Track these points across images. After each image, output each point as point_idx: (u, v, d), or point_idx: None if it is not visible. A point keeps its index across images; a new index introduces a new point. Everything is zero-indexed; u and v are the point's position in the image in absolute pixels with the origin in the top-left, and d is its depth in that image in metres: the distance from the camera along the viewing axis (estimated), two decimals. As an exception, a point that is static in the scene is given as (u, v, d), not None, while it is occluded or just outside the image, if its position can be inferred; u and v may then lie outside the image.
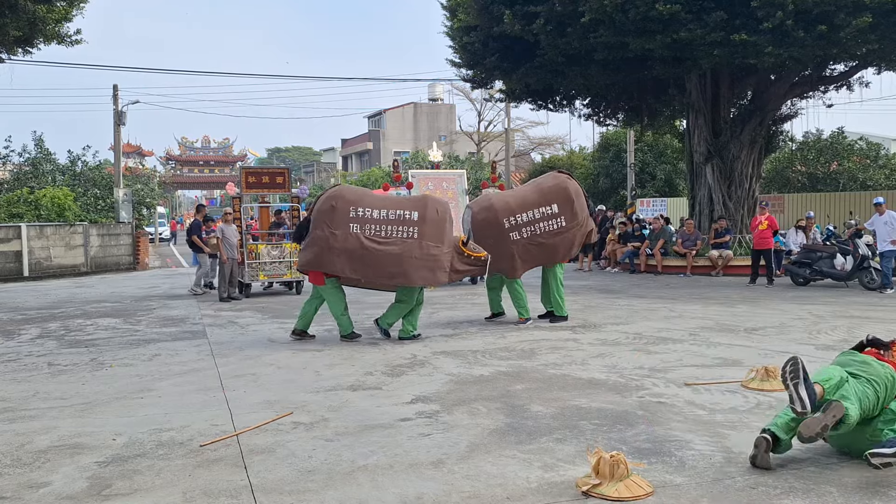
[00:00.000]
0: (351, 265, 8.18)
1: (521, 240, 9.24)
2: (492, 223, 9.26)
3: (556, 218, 9.32)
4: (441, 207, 8.50)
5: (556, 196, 9.39)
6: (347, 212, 8.22)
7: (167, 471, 4.15)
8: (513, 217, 9.26)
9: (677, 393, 5.67)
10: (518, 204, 9.39)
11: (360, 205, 8.30)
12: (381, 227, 8.22)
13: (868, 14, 12.22)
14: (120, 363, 7.44)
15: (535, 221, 9.28)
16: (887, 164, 25.48)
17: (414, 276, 8.21)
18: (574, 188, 9.54)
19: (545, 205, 9.34)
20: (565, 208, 9.34)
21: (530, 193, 9.61)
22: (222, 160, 67.03)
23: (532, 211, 9.30)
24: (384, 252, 8.14)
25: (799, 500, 3.53)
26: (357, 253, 8.11)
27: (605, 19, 13.68)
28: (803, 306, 10.70)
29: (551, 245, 9.35)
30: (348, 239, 8.12)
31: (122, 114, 25.30)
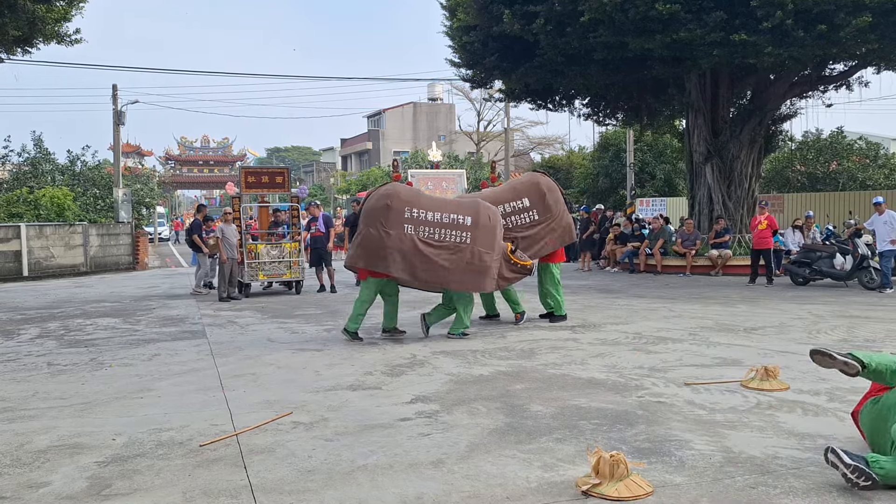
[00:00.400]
0: (403, 266, 8.12)
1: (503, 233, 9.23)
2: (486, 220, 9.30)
3: (528, 211, 9.31)
4: (493, 214, 8.54)
5: (527, 191, 9.41)
6: (403, 212, 8.17)
7: (167, 471, 4.15)
8: None
9: (677, 392, 5.67)
10: (490, 200, 9.31)
11: (415, 205, 8.26)
12: (436, 230, 8.20)
13: (868, 14, 12.23)
14: (119, 363, 7.44)
15: (506, 215, 9.23)
16: (887, 164, 25.50)
17: (465, 282, 8.28)
18: (546, 183, 9.51)
19: (515, 199, 9.35)
20: (537, 202, 9.31)
21: (503, 191, 9.67)
22: (222, 160, 66.98)
23: (503, 205, 9.26)
24: (438, 255, 8.15)
25: (799, 500, 3.53)
26: (410, 254, 8.08)
27: (604, 19, 13.68)
28: (803, 306, 10.70)
29: (526, 238, 9.29)
30: (403, 240, 8.08)
31: (121, 113, 25.30)
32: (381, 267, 8.17)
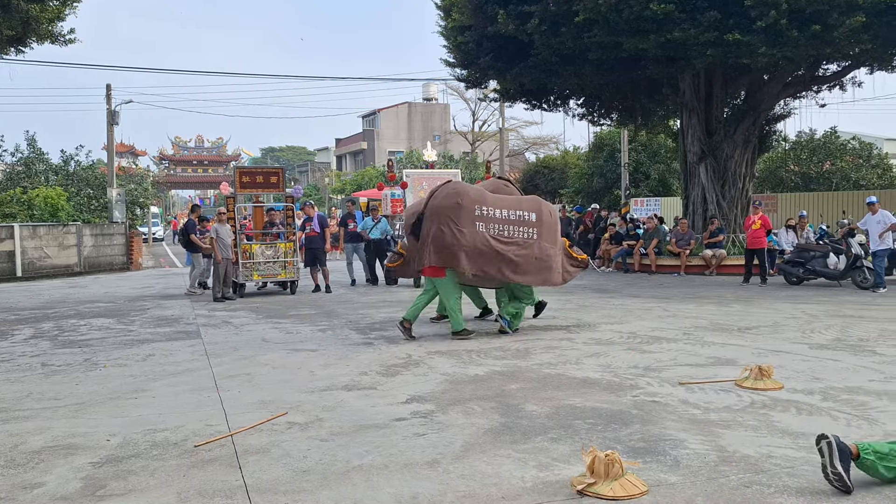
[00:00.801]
0: (476, 263, 8.23)
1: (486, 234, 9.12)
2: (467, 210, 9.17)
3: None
4: (552, 210, 8.84)
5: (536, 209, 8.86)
6: (473, 210, 8.28)
7: (161, 471, 4.14)
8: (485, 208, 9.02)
9: (671, 392, 5.68)
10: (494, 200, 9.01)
11: (483, 203, 8.38)
12: (505, 227, 8.37)
13: (861, 14, 12.28)
14: (114, 363, 7.41)
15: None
16: (880, 164, 25.58)
17: (534, 276, 8.47)
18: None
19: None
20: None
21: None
22: (216, 160, 66.88)
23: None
24: (508, 251, 8.30)
25: (793, 498, 3.54)
26: (483, 251, 8.19)
27: (599, 19, 13.71)
28: (797, 305, 10.74)
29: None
30: (476, 237, 8.19)
31: (115, 113, 25.22)
32: (455, 265, 8.21)
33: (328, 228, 15.13)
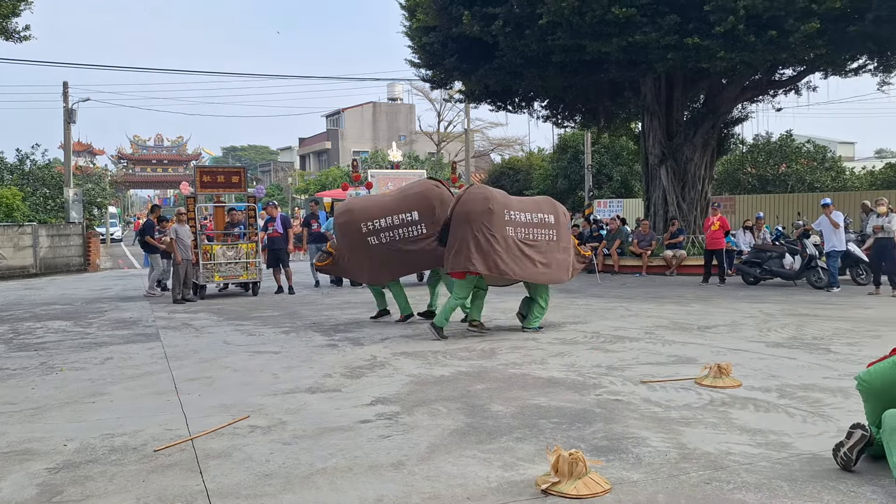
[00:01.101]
0: (508, 266, 8.42)
1: (381, 244, 9.33)
2: (350, 227, 9.45)
3: (417, 225, 9.27)
4: (565, 210, 9.25)
5: (418, 203, 9.35)
6: (503, 214, 8.47)
7: (120, 476, 4.06)
8: (371, 222, 9.34)
9: (634, 391, 5.76)
10: (378, 209, 9.45)
11: (510, 207, 8.62)
12: (529, 231, 8.65)
13: (816, 20, 12.59)
14: (71, 367, 7.24)
15: (394, 227, 9.30)
16: (833, 167, 26.27)
17: (557, 276, 8.87)
18: (438, 196, 9.39)
19: (406, 211, 9.33)
20: (426, 216, 9.27)
21: (393, 199, 9.66)
22: (176, 159, 65.77)
23: (391, 217, 9.31)
24: (534, 253, 8.61)
25: (751, 494, 3.62)
26: (514, 254, 8.44)
27: (562, 22, 13.83)
28: (754, 305, 10.97)
29: (413, 252, 9.29)
30: (507, 241, 8.43)
31: (72, 111, 24.65)
32: (493, 268, 8.34)
33: (291, 229, 15.00)
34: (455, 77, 18.50)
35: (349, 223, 9.50)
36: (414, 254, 9.34)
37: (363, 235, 9.36)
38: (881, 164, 27.63)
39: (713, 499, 3.57)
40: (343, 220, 9.61)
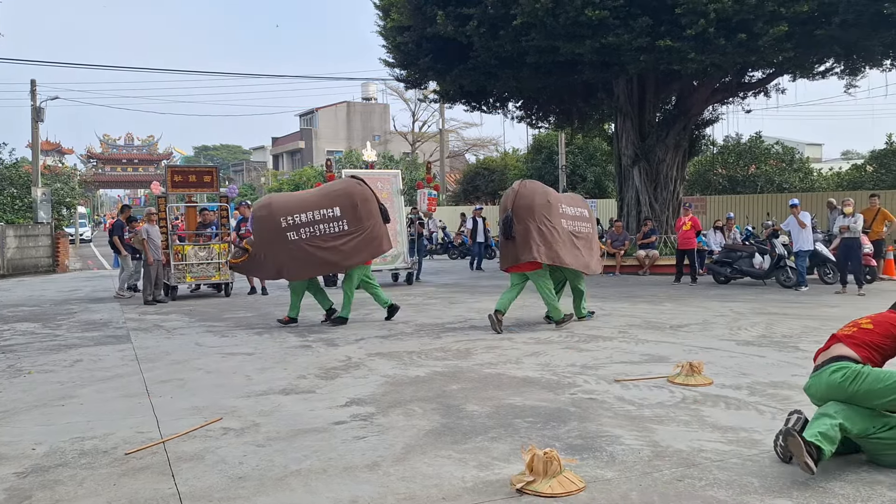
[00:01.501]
0: (566, 256, 8.88)
1: (301, 240, 9.30)
2: (269, 221, 9.36)
3: (338, 221, 9.35)
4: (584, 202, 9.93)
5: (340, 200, 9.44)
6: (558, 207, 9.04)
7: (90, 480, 4.00)
8: (291, 216, 9.31)
9: (608, 389, 5.81)
10: (298, 204, 9.47)
11: (560, 201, 9.23)
12: (575, 223, 9.20)
13: (784, 23, 12.80)
14: (39, 369, 7.11)
15: (314, 223, 9.31)
16: (801, 168, 26.72)
17: (596, 267, 9.42)
18: (360, 193, 9.52)
19: (327, 207, 9.39)
20: (349, 213, 9.38)
21: (314, 196, 9.69)
22: (146, 158, 64.89)
23: (312, 212, 9.33)
24: (582, 244, 9.21)
25: (723, 490, 3.67)
26: (567, 245, 8.94)
27: (536, 23, 13.90)
28: (725, 304, 11.12)
29: (332, 249, 9.34)
30: (563, 233, 8.94)
31: (40, 110, 24.22)
32: (555, 258, 8.77)
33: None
34: (429, 77, 18.50)
35: (268, 217, 9.37)
36: (333, 251, 9.35)
37: (282, 230, 9.27)
38: (847, 166, 28.17)
39: (686, 496, 3.61)
40: (262, 215, 9.47)
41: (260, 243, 9.47)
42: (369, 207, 9.53)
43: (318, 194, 9.79)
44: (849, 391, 3.87)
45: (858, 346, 4.04)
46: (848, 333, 4.15)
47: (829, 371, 3.95)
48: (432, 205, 15.81)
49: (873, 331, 4.09)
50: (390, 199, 15.06)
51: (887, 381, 3.79)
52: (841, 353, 4.03)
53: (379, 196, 10.04)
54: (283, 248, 9.32)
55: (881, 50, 14.85)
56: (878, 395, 3.82)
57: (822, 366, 4.06)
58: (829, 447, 3.71)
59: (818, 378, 4.04)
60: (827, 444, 3.72)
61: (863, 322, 4.19)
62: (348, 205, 9.41)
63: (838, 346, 4.09)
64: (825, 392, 3.97)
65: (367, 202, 9.51)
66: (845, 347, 4.05)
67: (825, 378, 3.96)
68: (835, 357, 4.02)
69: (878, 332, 4.08)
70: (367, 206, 9.48)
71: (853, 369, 3.88)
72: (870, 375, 3.84)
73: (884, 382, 3.80)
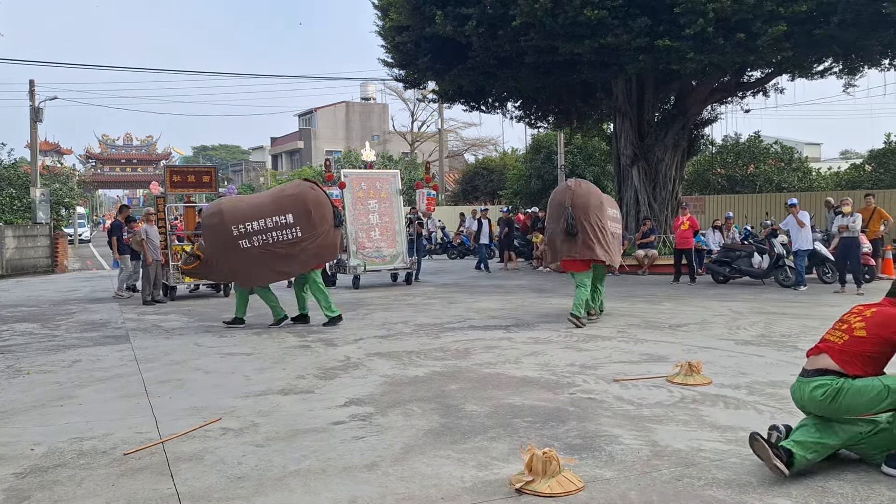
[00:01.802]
0: (609, 255, 9.37)
1: (253, 248, 9.14)
2: (220, 229, 9.16)
3: (291, 228, 9.19)
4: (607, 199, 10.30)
5: (293, 206, 9.26)
6: (606, 209, 9.52)
7: (89, 481, 3.99)
8: (243, 224, 9.12)
9: (607, 389, 5.81)
10: (250, 211, 9.27)
11: (605, 203, 9.61)
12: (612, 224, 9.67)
13: (783, 23, 12.81)
14: (38, 370, 7.11)
15: (267, 230, 9.16)
16: (800, 167, 26.70)
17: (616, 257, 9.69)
18: (314, 199, 9.36)
19: (280, 214, 9.21)
20: (302, 219, 9.22)
21: (266, 201, 9.50)
22: (145, 158, 64.85)
23: (265, 219, 9.17)
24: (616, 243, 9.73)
25: (722, 490, 3.67)
26: (611, 244, 9.42)
27: (535, 23, 13.90)
28: (723, 303, 11.12)
29: (286, 256, 9.22)
30: (609, 234, 9.42)
31: (39, 110, 24.18)
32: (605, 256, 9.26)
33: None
34: (428, 77, 18.50)
35: (219, 225, 9.17)
36: (287, 258, 9.22)
37: (234, 238, 9.10)
38: (846, 165, 28.17)
39: (684, 495, 3.62)
40: (213, 222, 9.28)
41: (212, 250, 9.28)
42: (322, 212, 9.35)
43: (270, 199, 9.53)
44: (830, 408, 3.83)
45: (847, 361, 3.84)
46: (839, 345, 3.93)
47: (812, 387, 3.87)
48: (431, 205, 15.81)
49: (866, 339, 3.85)
50: (389, 199, 15.08)
51: (868, 395, 3.74)
52: (826, 365, 3.90)
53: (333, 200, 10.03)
54: (235, 256, 9.17)
55: (880, 49, 14.86)
56: (859, 409, 3.79)
57: (808, 374, 3.98)
58: (802, 452, 3.75)
59: (802, 388, 3.96)
60: (799, 449, 3.75)
61: (856, 326, 3.94)
62: (301, 211, 9.23)
63: (824, 358, 3.93)
64: (807, 404, 3.94)
65: (320, 206, 9.34)
66: (831, 360, 3.88)
67: (808, 392, 3.90)
68: (820, 370, 3.91)
69: (871, 341, 3.84)
70: (320, 210, 9.30)
71: (833, 387, 3.79)
72: (850, 391, 3.76)
73: (865, 397, 3.75)
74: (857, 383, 3.78)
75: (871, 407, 3.76)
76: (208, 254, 9.39)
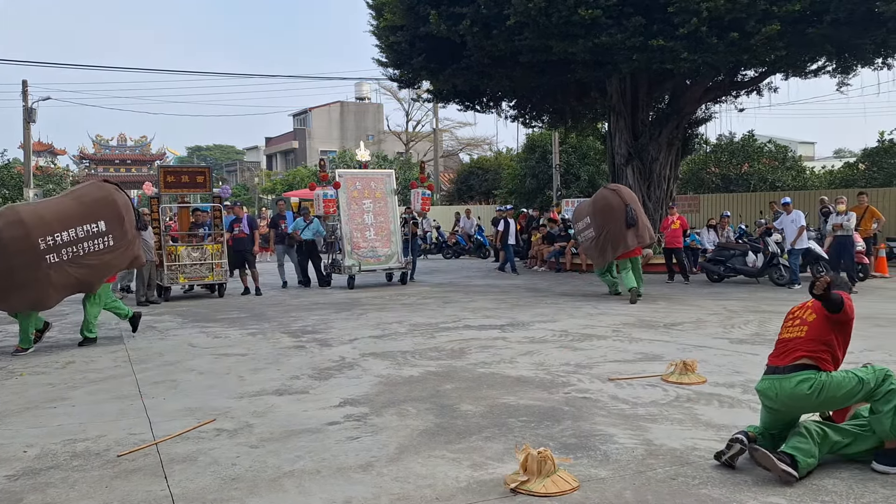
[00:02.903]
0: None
1: (61, 262, 7.94)
2: (24, 243, 7.74)
3: (104, 237, 8.26)
4: None
5: (103, 211, 8.31)
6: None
7: (82, 483, 3.97)
8: (51, 236, 7.88)
9: (601, 388, 5.81)
10: (57, 221, 8.01)
11: None
12: None
13: (776, 22, 12.83)
14: (31, 371, 7.08)
15: (79, 241, 8.06)
16: (794, 166, 26.77)
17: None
18: (123, 202, 8.58)
19: (91, 221, 8.19)
20: (115, 225, 8.35)
21: (72, 206, 8.29)
22: (139, 159, 64.54)
23: (75, 229, 8.05)
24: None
25: (717, 489, 3.67)
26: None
27: (529, 22, 13.89)
28: (718, 302, 11.15)
29: (94, 266, 8.24)
30: None
31: (32, 111, 24.14)
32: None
33: (258, 230, 14.82)
34: (423, 76, 18.47)
35: (23, 238, 7.72)
36: (93, 268, 8.23)
37: (41, 253, 7.78)
38: (840, 164, 28.24)
39: (679, 494, 3.62)
40: (13, 235, 7.70)
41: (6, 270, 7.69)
42: (130, 217, 8.60)
43: (74, 205, 8.29)
44: (816, 402, 3.90)
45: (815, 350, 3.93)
46: (803, 337, 3.99)
47: (795, 382, 3.88)
48: (426, 204, 15.79)
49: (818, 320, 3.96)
50: (384, 199, 15.06)
51: (846, 388, 3.85)
52: (799, 359, 3.94)
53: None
54: (39, 274, 7.80)
55: (872, 48, 14.90)
56: (838, 402, 3.93)
57: (783, 370, 3.97)
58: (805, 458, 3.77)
59: (781, 384, 3.94)
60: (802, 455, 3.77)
61: (808, 318, 4.03)
62: (113, 216, 8.31)
63: (795, 353, 3.97)
64: (788, 400, 3.93)
65: (129, 211, 8.59)
66: (803, 353, 3.94)
67: (789, 387, 3.89)
68: (796, 365, 3.93)
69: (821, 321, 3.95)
70: (129, 215, 8.56)
71: (819, 380, 3.85)
72: (831, 384, 3.85)
73: (843, 389, 3.85)
74: (835, 376, 3.89)
75: (848, 399, 3.89)
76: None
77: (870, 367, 3.95)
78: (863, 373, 3.88)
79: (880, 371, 3.89)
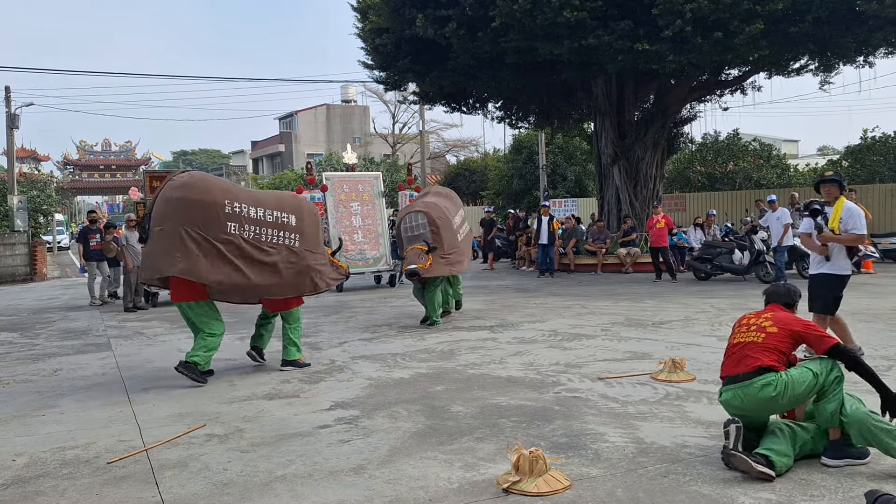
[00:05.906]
0: None
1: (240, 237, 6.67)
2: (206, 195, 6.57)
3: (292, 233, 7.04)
4: None
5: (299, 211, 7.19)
6: None
7: (72, 490, 3.95)
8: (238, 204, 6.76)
9: (591, 387, 5.83)
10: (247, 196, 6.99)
11: None
12: None
13: (760, 21, 12.94)
14: (18, 379, 7.01)
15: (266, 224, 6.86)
16: (779, 164, 26.97)
17: None
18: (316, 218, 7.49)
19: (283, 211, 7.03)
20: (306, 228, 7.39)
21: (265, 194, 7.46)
22: (125, 164, 64.14)
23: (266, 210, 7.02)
24: None
25: (707, 485, 3.70)
26: None
27: (514, 24, 13.94)
28: (706, 300, 11.21)
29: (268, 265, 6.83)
30: None
31: (15, 117, 23.91)
32: None
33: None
34: (409, 79, 18.49)
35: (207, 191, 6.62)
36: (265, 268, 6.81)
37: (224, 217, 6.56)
38: (823, 161, 28.51)
39: (671, 491, 3.64)
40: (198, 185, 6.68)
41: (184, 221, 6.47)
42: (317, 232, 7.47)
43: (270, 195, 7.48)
44: (784, 403, 3.97)
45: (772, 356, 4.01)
46: (761, 343, 4.06)
47: (759, 386, 3.93)
48: (414, 206, 15.77)
49: (779, 334, 4.07)
50: (371, 201, 15.04)
51: (805, 384, 3.93)
52: (757, 364, 3.99)
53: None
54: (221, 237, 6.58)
55: (854, 46, 15.04)
56: (803, 397, 3.99)
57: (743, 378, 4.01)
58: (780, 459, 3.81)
59: (744, 391, 3.98)
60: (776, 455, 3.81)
61: (766, 325, 4.13)
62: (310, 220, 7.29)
63: (751, 359, 4.02)
64: (755, 406, 3.98)
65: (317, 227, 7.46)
66: (760, 358, 4.00)
67: (754, 393, 3.94)
68: (755, 369, 3.97)
69: (782, 336, 4.06)
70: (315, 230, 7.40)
71: (782, 380, 3.92)
72: (792, 382, 3.92)
73: (803, 385, 3.93)
74: (793, 374, 3.96)
75: (807, 394, 3.97)
76: None
77: (816, 359, 4.05)
78: (813, 365, 3.98)
79: (826, 361, 3.99)
